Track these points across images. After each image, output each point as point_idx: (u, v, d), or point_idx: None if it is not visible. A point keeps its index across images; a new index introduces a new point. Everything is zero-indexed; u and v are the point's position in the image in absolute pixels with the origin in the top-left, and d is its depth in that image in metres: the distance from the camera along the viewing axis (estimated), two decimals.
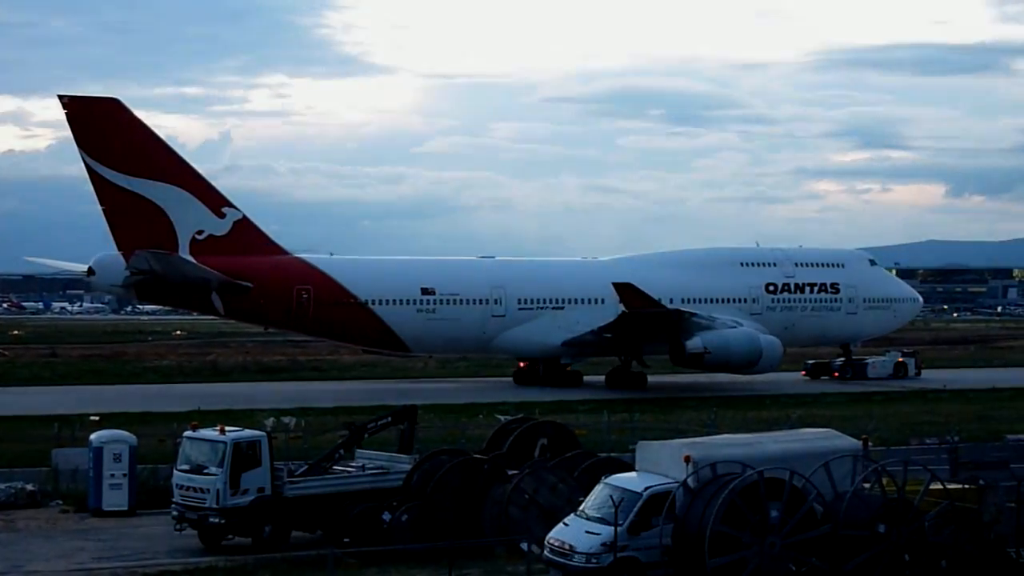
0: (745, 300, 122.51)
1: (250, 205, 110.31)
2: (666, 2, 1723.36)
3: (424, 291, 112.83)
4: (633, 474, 42.78)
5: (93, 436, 58.67)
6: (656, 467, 41.70)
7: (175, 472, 51.05)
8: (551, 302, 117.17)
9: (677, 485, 39.69)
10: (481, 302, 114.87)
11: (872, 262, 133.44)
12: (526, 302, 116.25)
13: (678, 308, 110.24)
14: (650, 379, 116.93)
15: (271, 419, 72.54)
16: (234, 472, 49.29)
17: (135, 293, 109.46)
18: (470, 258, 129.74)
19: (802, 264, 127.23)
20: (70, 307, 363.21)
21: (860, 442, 45.17)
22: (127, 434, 58.93)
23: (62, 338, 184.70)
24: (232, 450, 49.43)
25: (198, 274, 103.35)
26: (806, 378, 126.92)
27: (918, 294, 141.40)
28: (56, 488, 60.20)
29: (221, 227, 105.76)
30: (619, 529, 39.49)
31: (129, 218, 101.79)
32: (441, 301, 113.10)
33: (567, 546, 40.17)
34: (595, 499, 41.41)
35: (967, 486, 45.97)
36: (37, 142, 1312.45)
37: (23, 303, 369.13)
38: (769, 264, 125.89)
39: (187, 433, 52.11)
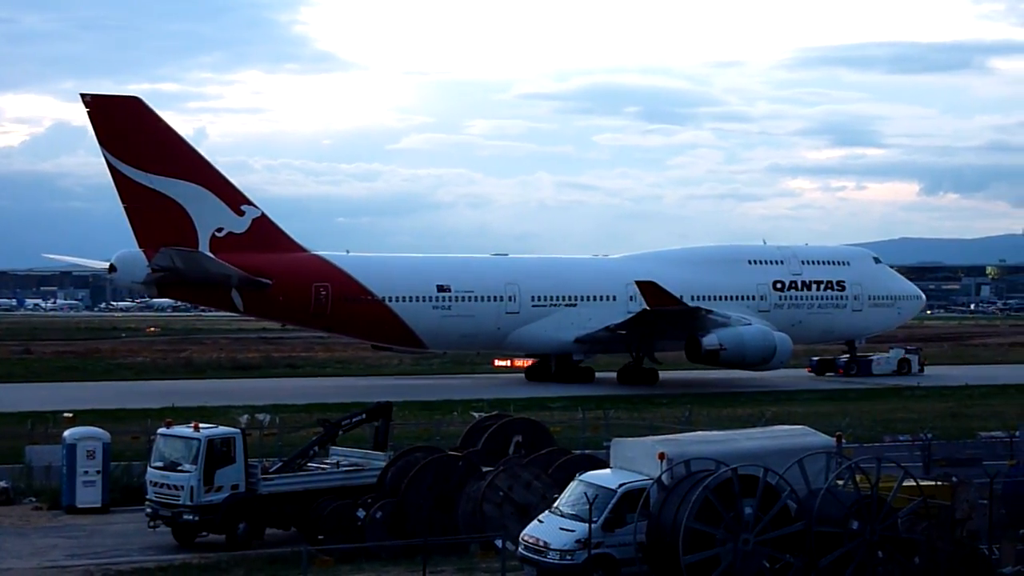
0: (753, 297, 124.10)
1: None
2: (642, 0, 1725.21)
3: (440, 288, 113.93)
4: (607, 471, 42.80)
5: (67, 433, 58.53)
6: (630, 464, 41.73)
7: (149, 469, 50.96)
8: (564, 299, 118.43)
9: (651, 482, 39.72)
10: (495, 299, 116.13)
11: (876, 260, 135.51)
12: (539, 299, 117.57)
13: (698, 306, 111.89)
14: (660, 375, 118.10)
15: (245, 416, 72.47)
16: (208, 469, 49.20)
17: (156, 290, 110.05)
18: (484, 255, 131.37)
19: (808, 262, 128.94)
20: (44, 304, 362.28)
21: (834, 439, 45.29)
22: (101, 431, 58.81)
23: (36, 335, 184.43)
24: (206, 447, 49.33)
25: (220, 271, 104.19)
26: (811, 375, 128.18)
27: (921, 292, 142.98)
28: (29, 485, 60.01)
29: (240, 224, 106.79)
30: (593, 526, 39.50)
31: (150, 215, 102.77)
32: (456, 298, 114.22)
33: (542, 543, 40.16)
34: (569, 496, 41.41)
35: (940, 483, 46.20)
36: (11, 138, 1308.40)
37: None
38: (777, 262, 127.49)
39: (161, 430, 52.05)
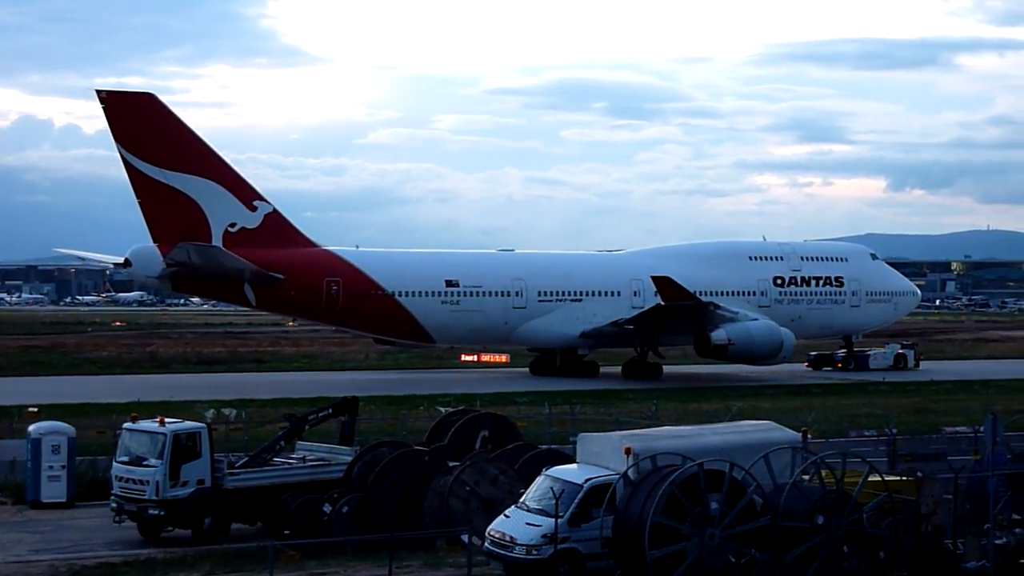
0: (754, 293, 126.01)
1: None
2: None
3: (449, 283, 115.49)
4: (574, 466, 42.80)
5: (31, 428, 58.24)
6: (597, 459, 41.75)
7: (114, 464, 50.86)
8: (569, 294, 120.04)
9: (618, 477, 39.74)
10: (503, 294, 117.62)
11: (873, 256, 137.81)
12: (546, 294, 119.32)
13: (712, 301, 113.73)
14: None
15: (211, 411, 72.10)
16: (174, 464, 49.15)
17: (170, 284, 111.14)
18: (490, 251, 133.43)
19: (807, 258, 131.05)
20: (8, 298, 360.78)
21: (799, 434, 45.46)
22: (66, 426, 58.53)
23: (1, 329, 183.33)
24: (172, 442, 49.27)
25: (235, 266, 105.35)
26: (809, 369, 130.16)
27: (916, 288, 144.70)
28: None
29: (253, 220, 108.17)
30: (560, 521, 39.49)
31: (165, 211, 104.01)
32: (464, 293, 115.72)
33: (508, 538, 40.17)
34: (536, 491, 41.44)
35: (905, 478, 46.31)
36: None
37: None
38: (776, 258, 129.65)
39: (126, 425, 51.89)
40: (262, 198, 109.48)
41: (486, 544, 41.03)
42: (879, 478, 42.63)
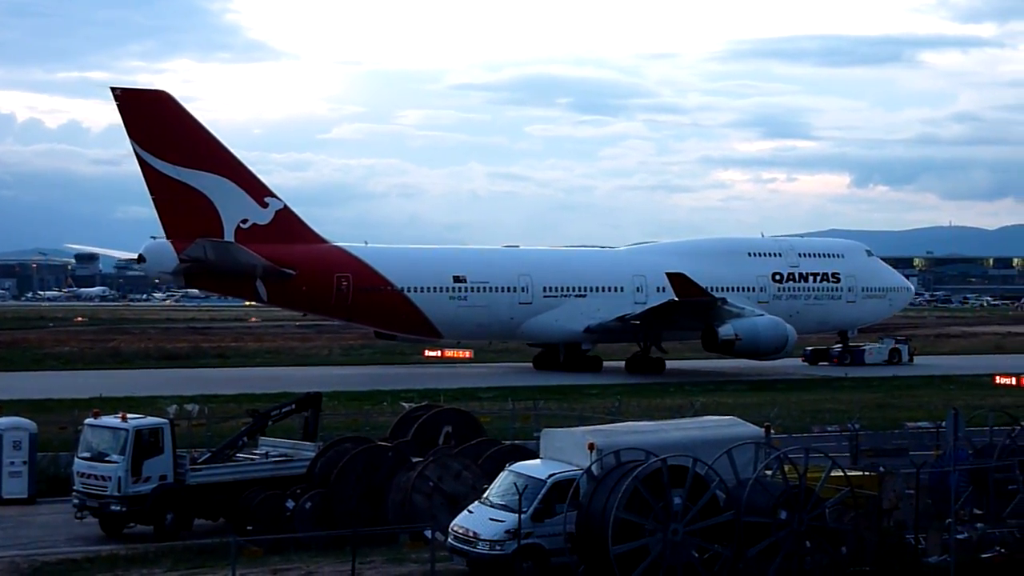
0: (753, 289, 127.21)
1: None
2: None
3: (456, 279, 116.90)
4: (537, 461, 42.81)
5: None
6: (560, 454, 41.76)
7: (76, 460, 50.65)
8: (574, 290, 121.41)
9: (581, 472, 39.77)
10: (509, 290, 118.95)
11: (869, 252, 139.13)
12: (551, 290, 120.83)
13: (723, 296, 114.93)
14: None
15: (174, 406, 71.81)
16: (136, 460, 48.95)
17: (184, 280, 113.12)
18: (496, 247, 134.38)
19: (805, 254, 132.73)
20: None
21: (762, 429, 45.58)
22: (27, 421, 58.29)
23: None
24: (134, 437, 49.07)
25: (249, 261, 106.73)
26: (805, 364, 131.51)
27: (911, 284, 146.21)
28: None
29: (264, 216, 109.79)
30: (523, 516, 39.50)
31: (178, 207, 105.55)
32: (472, 289, 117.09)
33: (471, 533, 40.16)
34: (499, 486, 41.42)
35: (867, 473, 46.52)
36: None
37: None
38: (775, 254, 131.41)
39: (88, 420, 51.62)
40: (273, 194, 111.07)
41: (449, 540, 41.01)
42: (841, 473, 42.78)
